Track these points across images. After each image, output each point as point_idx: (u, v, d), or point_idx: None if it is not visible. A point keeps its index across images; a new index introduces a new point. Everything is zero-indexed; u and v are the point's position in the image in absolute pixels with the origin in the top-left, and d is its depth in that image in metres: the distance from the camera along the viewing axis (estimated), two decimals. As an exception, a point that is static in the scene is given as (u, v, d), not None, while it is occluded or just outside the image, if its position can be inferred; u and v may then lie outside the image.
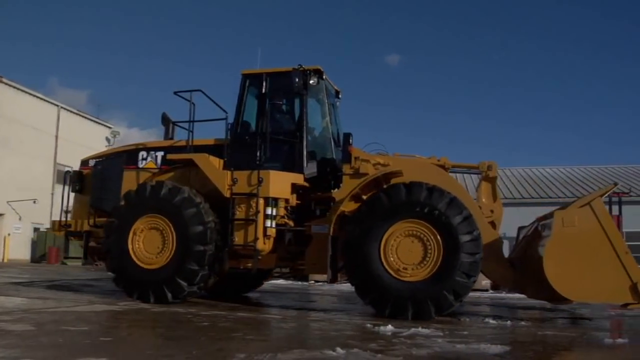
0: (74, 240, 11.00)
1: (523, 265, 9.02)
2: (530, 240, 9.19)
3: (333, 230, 8.55)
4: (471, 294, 15.08)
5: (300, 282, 18.18)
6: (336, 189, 9.38)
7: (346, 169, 9.26)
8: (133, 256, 8.98)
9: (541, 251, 8.14)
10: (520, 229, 10.62)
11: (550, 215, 8.83)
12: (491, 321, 7.79)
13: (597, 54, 72.83)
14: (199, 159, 9.28)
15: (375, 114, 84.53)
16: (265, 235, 8.85)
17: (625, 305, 7.88)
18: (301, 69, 9.33)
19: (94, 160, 10.79)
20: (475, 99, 78.89)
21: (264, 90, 9.62)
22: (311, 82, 9.55)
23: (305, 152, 9.34)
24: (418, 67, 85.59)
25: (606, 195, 8.04)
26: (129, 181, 10.01)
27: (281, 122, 9.74)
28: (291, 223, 9.25)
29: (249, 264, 9.28)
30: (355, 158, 9.21)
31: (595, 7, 72.43)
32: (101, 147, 41.86)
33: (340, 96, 11.02)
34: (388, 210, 8.15)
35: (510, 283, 9.24)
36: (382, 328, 6.62)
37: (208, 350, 5.09)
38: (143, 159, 10.24)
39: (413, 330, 6.51)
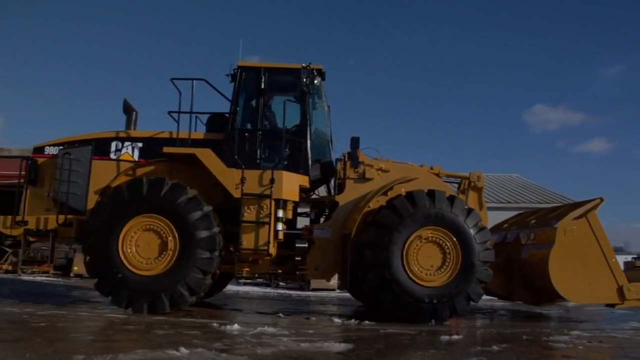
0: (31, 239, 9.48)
1: (507, 271, 9.73)
2: (513, 247, 9.85)
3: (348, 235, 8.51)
4: (318, 293, 15.59)
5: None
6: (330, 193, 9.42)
7: (350, 173, 9.17)
8: (124, 260, 8.09)
9: (526, 257, 9.24)
10: None
11: (527, 223, 10.14)
12: (337, 320, 8.10)
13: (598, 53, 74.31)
14: (203, 155, 8.58)
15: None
16: (276, 238, 8.56)
17: (612, 305, 9.02)
18: (309, 67, 9.12)
19: (54, 147, 9.31)
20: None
21: (262, 86, 9.18)
22: (315, 81, 9.32)
23: (310, 154, 9.13)
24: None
25: (598, 208, 9.05)
26: (100, 174, 9.00)
27: (284, 121, 9.17)
28: (285, 226, 8.95)
29: (246, 269, 9.09)
30: (360, 163, 9.16)
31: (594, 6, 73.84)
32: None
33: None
34: (426, 212, 8.29)
35: (495, 287, 9.82)
36: (228, 327, 6.72)
37: (43, 353, 4.88)
38: (117, 150, 9.19)
39: (259, 329, 6.68)
